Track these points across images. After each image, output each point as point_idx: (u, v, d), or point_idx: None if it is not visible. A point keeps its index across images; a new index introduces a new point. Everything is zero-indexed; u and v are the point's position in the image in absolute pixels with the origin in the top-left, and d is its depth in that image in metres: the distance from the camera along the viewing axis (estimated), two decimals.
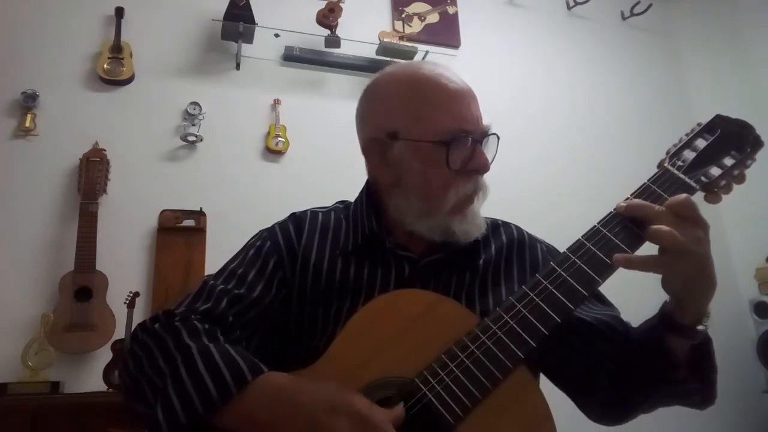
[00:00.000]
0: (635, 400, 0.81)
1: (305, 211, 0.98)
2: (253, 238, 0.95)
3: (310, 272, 0.88)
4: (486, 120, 0.89)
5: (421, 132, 0.84)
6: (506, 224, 1.01)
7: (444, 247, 0.89)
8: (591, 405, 0.88)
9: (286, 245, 0.91)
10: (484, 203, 0.91)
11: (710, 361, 0.79)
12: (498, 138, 0.89)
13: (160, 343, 0.74)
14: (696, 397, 0.80)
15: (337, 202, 1.03)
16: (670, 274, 0.73)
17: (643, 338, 0.81)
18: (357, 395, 0.66)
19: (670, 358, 0.76)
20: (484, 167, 0.86)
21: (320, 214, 0.97)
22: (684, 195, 0.73)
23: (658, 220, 0.71)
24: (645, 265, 0.71)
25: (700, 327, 0.76)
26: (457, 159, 0.83)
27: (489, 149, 0.89)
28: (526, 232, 1.01)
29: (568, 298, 0.74)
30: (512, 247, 0.96)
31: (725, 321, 2.97)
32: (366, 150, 0.92)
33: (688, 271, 0.71)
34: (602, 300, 0.93)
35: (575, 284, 0.74)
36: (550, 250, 0.99)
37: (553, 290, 0.74)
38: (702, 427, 2.72)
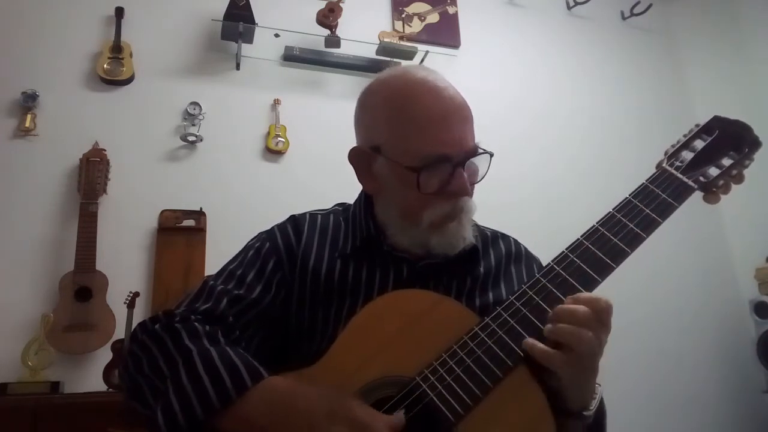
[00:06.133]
0: None
1: (304, 214, 0.98)
2: (252, 239, 0.95)
3: (310, 274, 0.88)
4: (477, 136, 0.87)
5: (398, 153, 0.84)
6: (505, 236, 1.02)
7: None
8: None
9: (285, 247, 0.91)
10: (479, 211, 0.90)
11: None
12: (491, 155, 0.87)
13: (160, 344, 0.74)
14: None
15: (335, 205, 1.03)
16: (560, 372, 0.71)
17: None
18: (356, 401, 0.66)
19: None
20: (462, 191, 0.84)
21: (319, 216, 0.98)
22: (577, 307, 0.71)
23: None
24: (545, 358, 0.70)
25: (587, 412, 0.74)
26: (433, 183, 0.82)
27: (480, 166, 0.87)
28: (524, 246, 1.02)
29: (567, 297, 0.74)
30: (510, 257, 0.97)
31: (725, 321, 2.98)
32: (352, 158, 0.92)
33: (574, 373, 0.71)
34: None
35: (575, 284, 0.75)
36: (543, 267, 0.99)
37: (553, 289, 0.75)
38: (702, 427, 2.73)
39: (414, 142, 0.83)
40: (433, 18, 3.05)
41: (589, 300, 0.72)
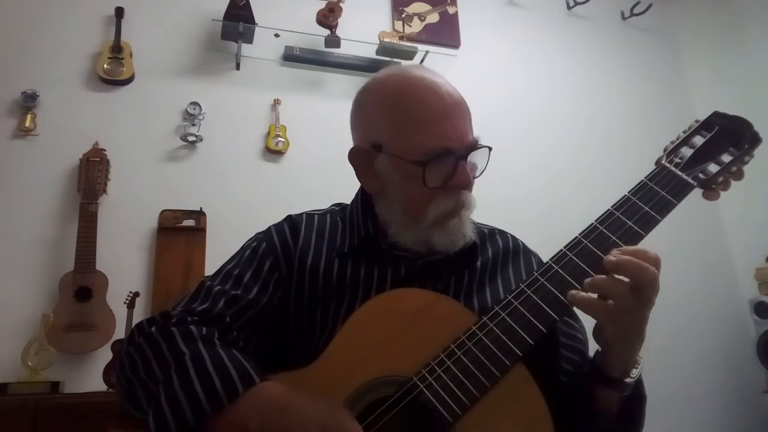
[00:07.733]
0: None
1: (301, 214, 0.98)
2: (249, 240, 0.95)
3: (307, 273, 0.88)
4: (475, 132, 0.88)
5: (402, 149, 0.84)
6: (502, 232, 1.02)
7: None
8: None
9: (282, 247, 0.91)
10: (477, 209, 0.91)
11: (637, 418, 0.80)
12: (489, 149, 0.88)
13: (155, 347, 0.74)
14: None
15: (332, 205, 1.03)
16: (606, 321, 0.72)
17: (574, 383, 0.81)
18: (349, 415, 0.66)
19: (594, 405, 0.77)
20: (465, 184, 0.85)
21: (316, 216, 0.98)
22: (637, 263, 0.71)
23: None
24: (589, 306, 0.71)
25: (628, 379, 0.75)
26: (438, 177, 0.83)
27: (479, 161, 0.88)
28: (521, 242, 1.02)
29: (565, 295, 0.74)
30: (508, 252, 0.97)
31: (725, 321, 2.97)
32: (352, 158, 0.92)
33: (623, 324, 0.72)
34: (574, 319, 0.92)
35: (573, 282, 0.74)
36: (542, 263, 0.99)
37: (552, 288, 0.75)
38: (702, 427, 2.72)
39: (417, 137, 0.83)
40: (433, 18, 3.05)
41: (639, 251, 0.72)
